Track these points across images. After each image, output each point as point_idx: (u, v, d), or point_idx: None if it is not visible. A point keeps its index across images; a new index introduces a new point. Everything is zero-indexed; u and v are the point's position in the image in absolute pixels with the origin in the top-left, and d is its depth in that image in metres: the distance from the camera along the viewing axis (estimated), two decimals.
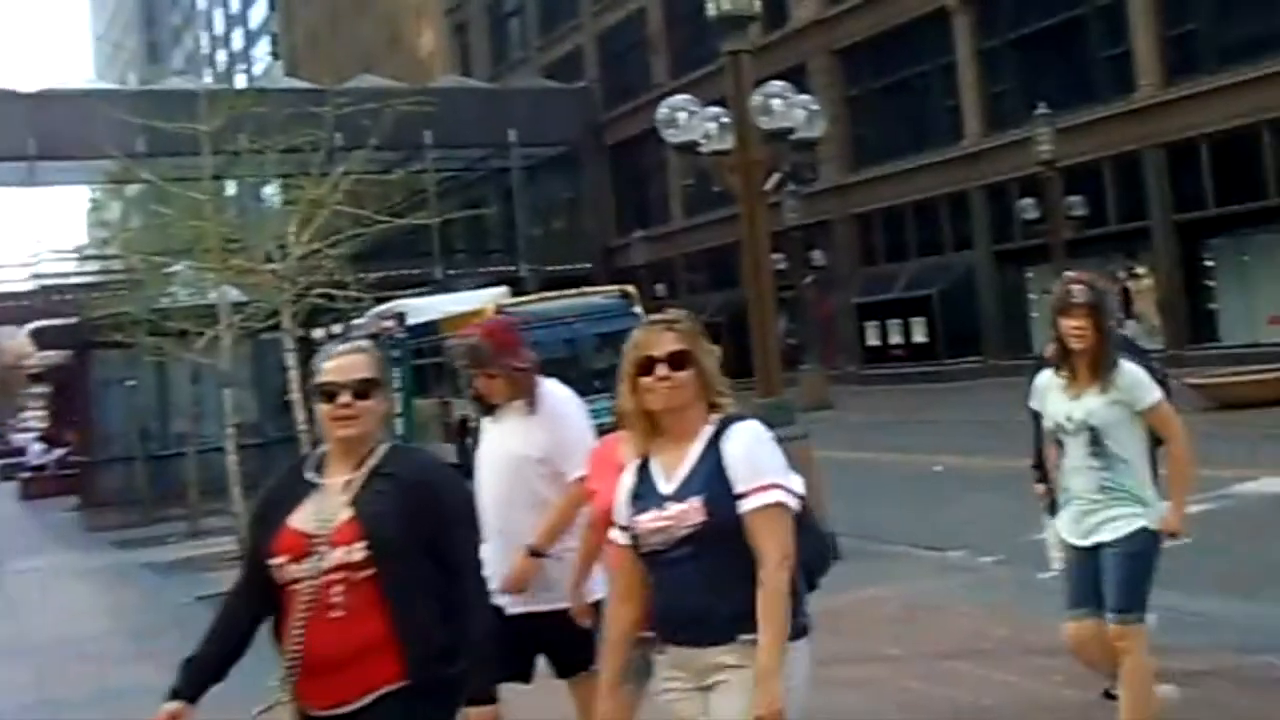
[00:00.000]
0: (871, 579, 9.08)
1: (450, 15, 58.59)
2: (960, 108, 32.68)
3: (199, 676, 3.19)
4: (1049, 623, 7.42)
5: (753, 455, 3.22)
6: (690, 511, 3.19)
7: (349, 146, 14.62)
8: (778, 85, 10.84)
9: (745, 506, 3.16)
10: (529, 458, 4.68)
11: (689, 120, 11.18)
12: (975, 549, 10.47)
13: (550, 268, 42.65)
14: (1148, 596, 5.08)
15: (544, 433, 4.70)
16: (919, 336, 34.08)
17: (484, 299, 22.47)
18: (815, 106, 11.10)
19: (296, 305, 12.69)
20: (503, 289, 25.27)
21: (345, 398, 3.23)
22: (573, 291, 24.91)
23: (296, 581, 3.14)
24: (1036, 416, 5.42)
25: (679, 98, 11.25)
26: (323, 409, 3.28)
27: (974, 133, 32.27)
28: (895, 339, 34.95)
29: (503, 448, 4.75)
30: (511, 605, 4.52)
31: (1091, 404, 4.92)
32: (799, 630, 3.20)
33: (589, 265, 44.37)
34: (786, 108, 10.82)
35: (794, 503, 3.21)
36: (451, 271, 40.61)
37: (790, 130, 10.88)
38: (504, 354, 4.77)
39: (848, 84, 35.36)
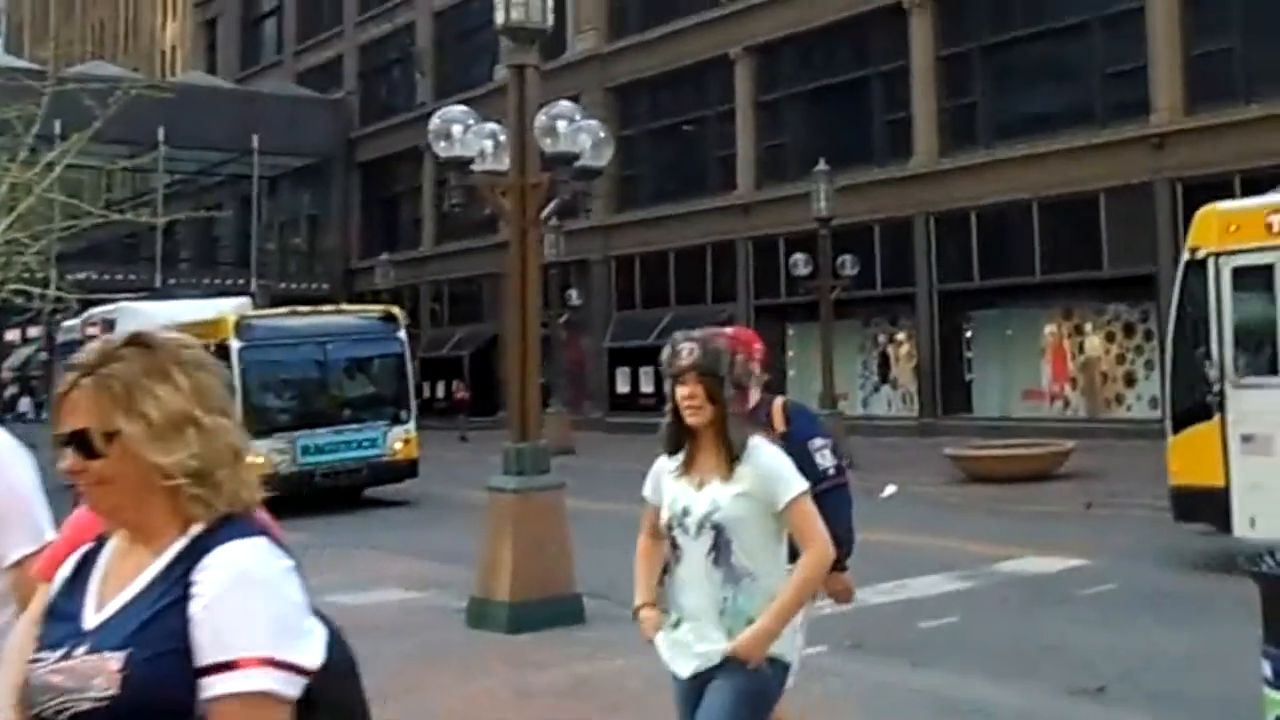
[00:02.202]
0: (619, 648, 8.57)
1: (200, 8, 56.44)
2: (735, 157, 33.12)
3: None
4: (821, 708, 7.22)
5: (232, 605, 2.01)
6: (101, 670, 2.00)
7: (69, 135, 13.54)
8: (566, 106, 10.48)
9: (207, 691, 2.00)
10: None
11: (464, 135, 10.69)
12: None
13: (285, 285, 41.23)
14: None
15: None
16: None
17: (222, 308, 21.23)
18: (603, 134, 10.75)
19: None
20: (244, 299, 24.05)
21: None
22: (329, 308, 23.92)
23: None
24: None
25: (455, 109, 10.77)
26: None
27: (747, 184, 32.74)
28: (646, 387, 34.95)
29: None
30: None
31: (717, 495, 3.99)
32: None
33: (327, 286, 43.19)
34: (573, 131, 10.44)
35: (290, 689, 2.03)
36: (173, 280, 38.76)
37: (575, 156, 10.49)
38: None
39: (621, 122, 35.42)
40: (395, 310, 21.77)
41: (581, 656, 8.66)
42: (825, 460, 5.00)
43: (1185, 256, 12.03)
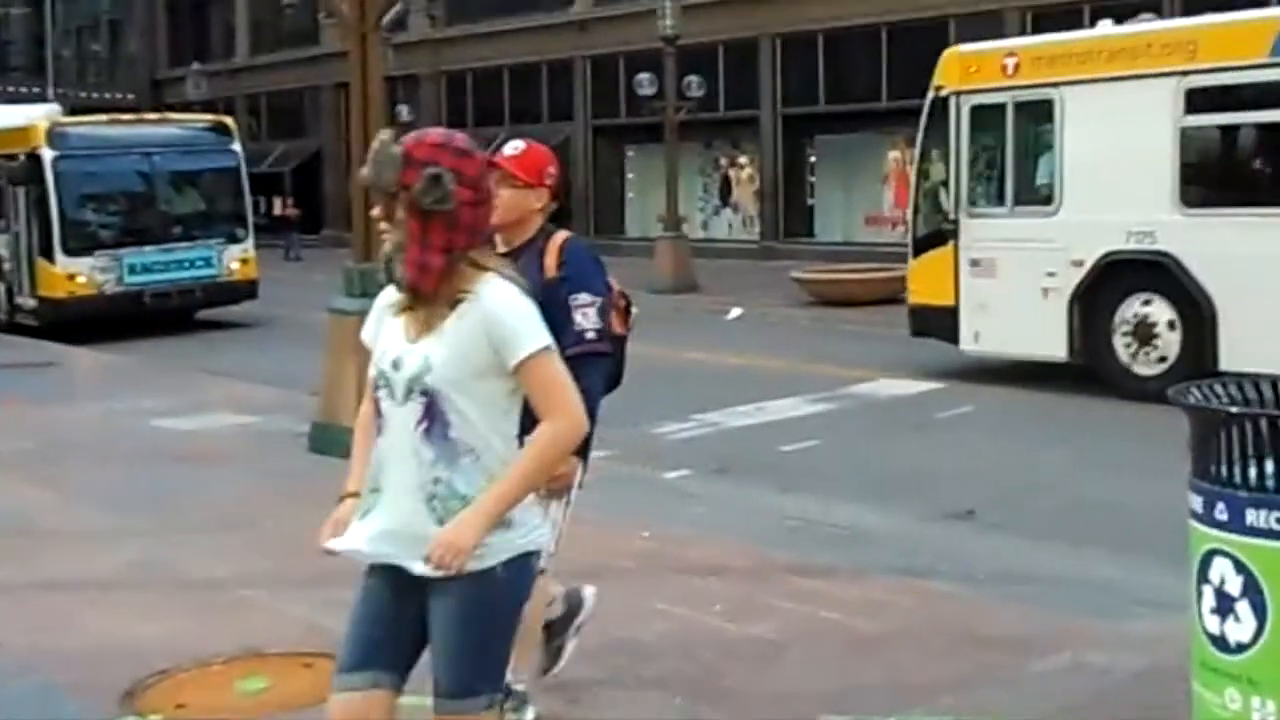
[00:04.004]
0: None
1: None
2: None
3: None
4: (692, 534, 7.19)
5: None
6: None
7: None
8: None
9: None
10: None
11: None
12: None
13: (84, 95, 39.22)
14: (506, 665, 3.24)
15: None
16: None
17: (31, 114, 19.88)
18: None
19: None
20: (53, 106, 22.57)
21: None
22: (154, 116, 22.68)
23: None
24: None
25: None
26: None
27: (584, 1, 31.94)
28: None
29: None
30: None
31: (431, 351, 3.05)
32: None
33: (132, 96, 41.22)
34: None
35: None
36: None
37: None
38: None
39: None
40: (228, 121, 20.71)
41: None
42: (585, 320, 4.16)
43: (930, 95, 12.98)
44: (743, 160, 30.15)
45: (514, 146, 4.28)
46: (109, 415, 11.32)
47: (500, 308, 3.01)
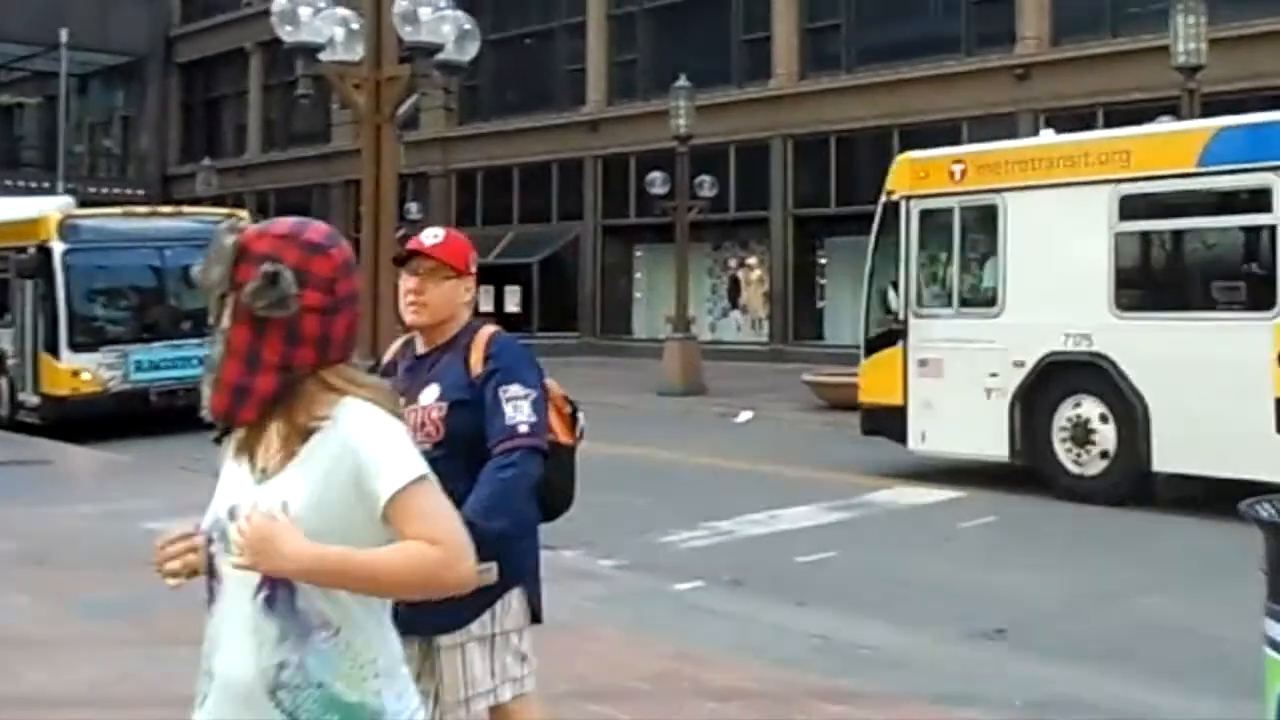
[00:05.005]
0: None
1: None
2: (585, 72, 32.38)
3: None
4: (710, 653, 6.79)
5: None
6: None
7: None
8: None
9: None
10: None
11: (313, 19, 9.89)
12: (592, 548, 9.71)
13: (95, 190, 39.24)
14: None
15: None
16: (512, 306, 33.66)
17: (44, 207, 19.68)
18: (468, 25, 10.05)
19: None
20: (67, 198, 22.39)
21: None
22: (167, 209, 22.45)
23: None
24: None
25: None
26: None
27: (597, 100, 32.05)
28: (485, 306, 34.35)
29: None
30: None
31: (277, 494, 2.33)
32: None
33: (143, 191, 41.26)
34: (435, 20, 9.71)
35: None
36: None
37: (438, 48, 9.76)
38: None
39: None
40: (242, 214, 20.49)
41: None
42: (517, 413, 3.62)
43: (883, 199, 13.40)
44: (752, 261, 30.00)
45: (434, 234, 3.79)
46: (99, 517, 10.94)
47: (361, 437, 2.30)
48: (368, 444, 2.30)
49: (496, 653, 3.73)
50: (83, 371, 17.66)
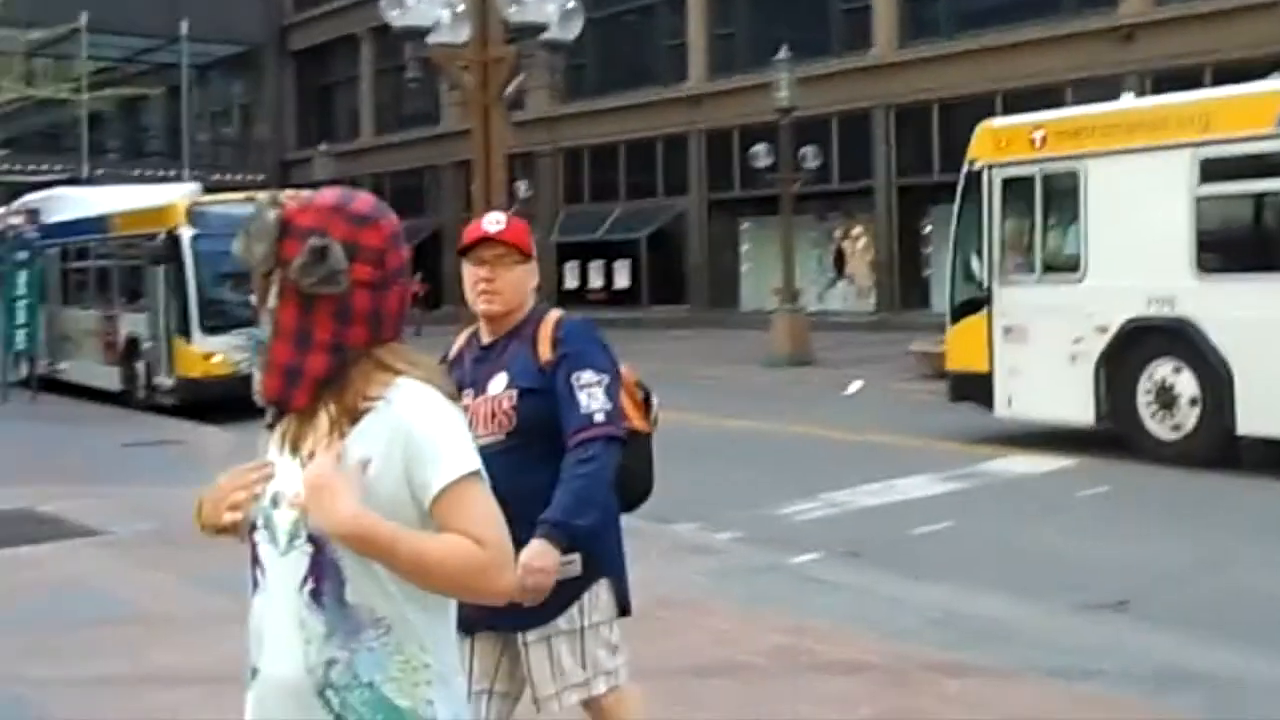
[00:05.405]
0: None
1: None
2: (686, 47, 32.19)
3: None
4: (829, 627, 6.67)
5: None
6: None
7: None
8: None
9: None
10: None
11: (419, 3, 9.86)
12: (707, 522, 9.62)
13: (218, 177, 39.90)
14: None
15: None
16: (622, 281, 33.69)
17: (171, 194, 20.06)
18: (572, 4, 9.95)
19: None
20: (194, 185, 22.81)
21: None
22: (289, 193, 22.70)
23: None
24: None
25: None
26: None
27: (698, 74, 31.87)
28: (596, 282, 34.42)
29: None
30: None
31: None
32: None
33: (263, 176, 41.89)
34: (540, 0, 9.63)
35: None
36: (100, 172, 37.39)
37: (542, 27, 9.69)
38: None
39: None
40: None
41: None
42: (592, 401, 3.43)
43: (965, 168, 13.28)
44: (857, 232, 29.68)
45: (496, 220, 3.56)
46: None
47: (416, 420, 2.15)
48: (424, 429, 2.15)
49: (587, 645, 3.58)
50: (214, 354, 17.94)
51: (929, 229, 28.48)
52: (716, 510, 9.99)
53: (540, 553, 3.29)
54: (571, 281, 35.09)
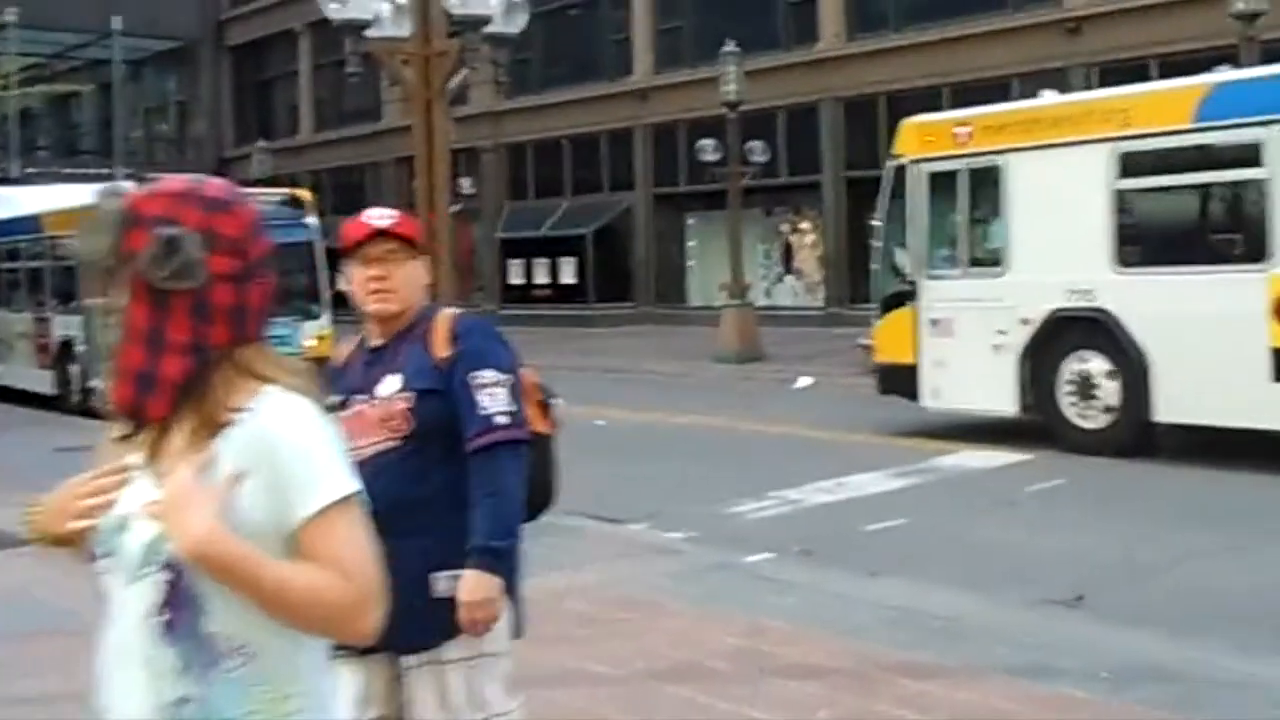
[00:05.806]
0: (553, 561, 7.46)
1: None
2: (631, 41, 32.12)
3: None
4: (785, 628, 6.62)
5: None
6: None
7: None
8: None
9: None
10: None
11: None
12: (658, 521, 9.57)
13: (153, 175, 39.34)
14: None
15: None
16: (567, 277, 33.58)
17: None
18: None
19: None
20: (126, 184, 22.47)
21: None
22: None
23: None
24: None
25: None
26: None
27: (644, 68, 31.80)
28: (541, 278, 34.27)
29: None
30: None
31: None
32: None
33: (199, 175, 41.45)
34: None
35: None
36: (31, 170, 36.90)
37: (485, 20, 9.59)
38: None
39: None
40: (303, 194, 20.18)
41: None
42: (493, 402, 3.25)
43: (890, 163, 13.63)
44: (805, 226, 29.71)
45: (384, 214, 3.40)
46: None
47: (284, 435, 1.94)
48: (293, 446, 1.94)
49: (482, 677, 3.31)
50: None
51: (878, 223, 28.55)
52: (668, 509, 9.94)
53: (475, 585, 3.17)
54: (516, 278, 34.94)
